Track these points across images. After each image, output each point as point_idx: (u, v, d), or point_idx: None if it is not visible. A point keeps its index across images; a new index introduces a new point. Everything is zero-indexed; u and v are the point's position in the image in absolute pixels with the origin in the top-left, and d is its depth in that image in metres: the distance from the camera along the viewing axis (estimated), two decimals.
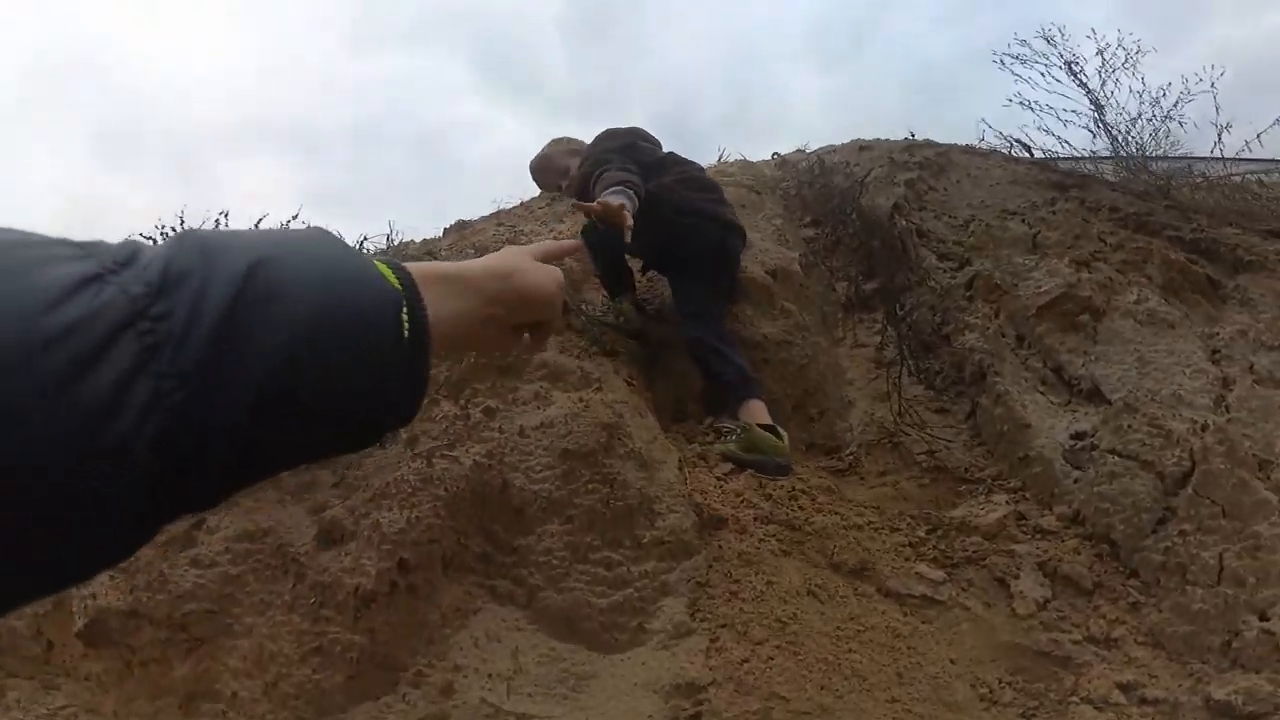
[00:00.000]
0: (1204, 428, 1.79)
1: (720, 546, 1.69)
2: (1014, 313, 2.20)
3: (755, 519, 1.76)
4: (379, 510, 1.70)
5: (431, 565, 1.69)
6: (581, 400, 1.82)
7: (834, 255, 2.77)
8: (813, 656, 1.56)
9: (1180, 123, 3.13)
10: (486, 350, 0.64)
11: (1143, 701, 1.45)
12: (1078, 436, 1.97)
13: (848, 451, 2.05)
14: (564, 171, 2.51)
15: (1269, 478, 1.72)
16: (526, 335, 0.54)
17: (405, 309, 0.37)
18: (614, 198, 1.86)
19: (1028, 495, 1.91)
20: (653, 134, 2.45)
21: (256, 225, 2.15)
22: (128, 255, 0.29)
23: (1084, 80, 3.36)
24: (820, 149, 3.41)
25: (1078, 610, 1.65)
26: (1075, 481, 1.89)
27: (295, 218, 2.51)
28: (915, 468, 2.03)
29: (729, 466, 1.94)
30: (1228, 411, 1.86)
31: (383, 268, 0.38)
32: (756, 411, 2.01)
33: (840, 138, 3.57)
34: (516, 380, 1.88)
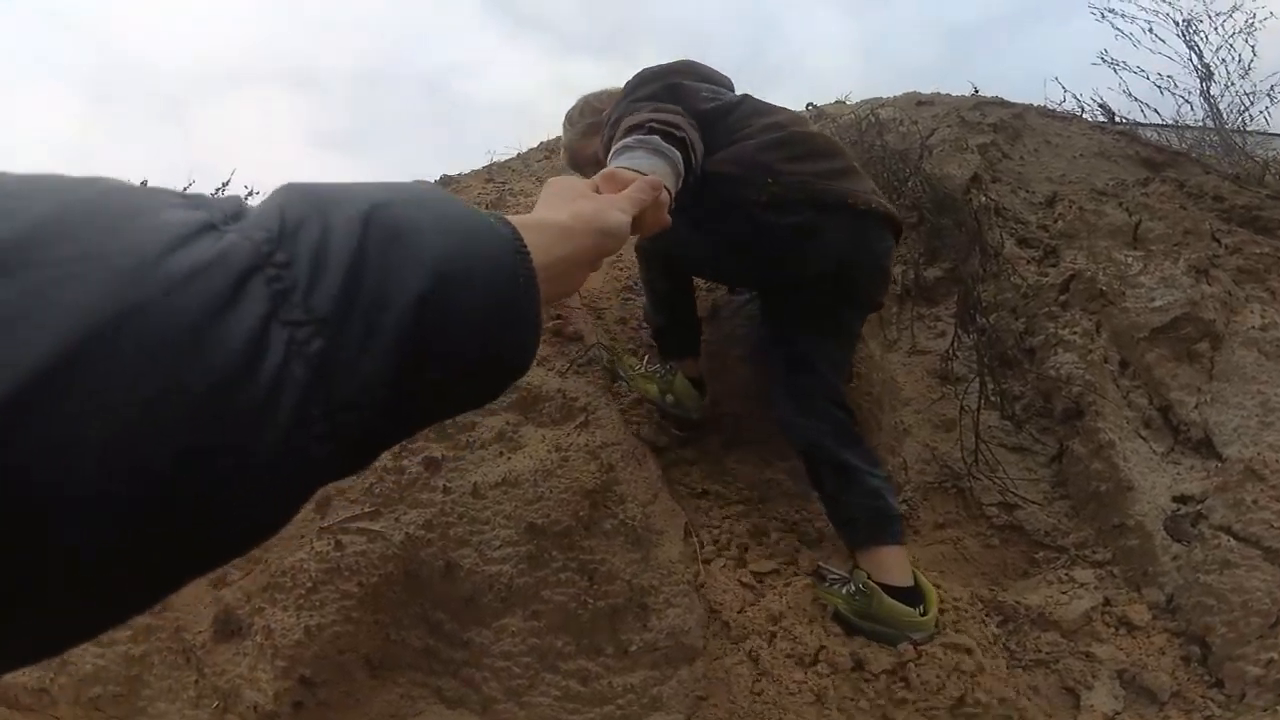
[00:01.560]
0: None
1: (729, 653, 1.28)
2: (1120, 331, 1.72)
3: (777, 618, 1.34)
4: (272, 607, 1.25)
5: (348, 675, 1.26)
6: (559, 450, 1.33)
7: None
8: None
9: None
10: (562, 296, 0.65)
11: None
12: (1182, 500, 1.55)
13: (901, 499, 1.60)
14: (595, 161, 1.52)
15: None
16: None
17: (518, 255, 0.36)
18: (629, 160, 0.87)
19: (1116, 573, 1.52)
20: (715, 69, 1.48)
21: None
22: (236, 207, 0.28)
23: (1195, 43, 2.72)
24: (867, 100, 2.73)
25: None
26: (1174, 559, 1.50)
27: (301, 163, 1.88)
28: (983, 522, 1.59)
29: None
30: None
31: (489, 215, 0.37)
32: (889, 564, 1.31)
33: (870, 90, 2.88)
34: (474, 414, 1.38)
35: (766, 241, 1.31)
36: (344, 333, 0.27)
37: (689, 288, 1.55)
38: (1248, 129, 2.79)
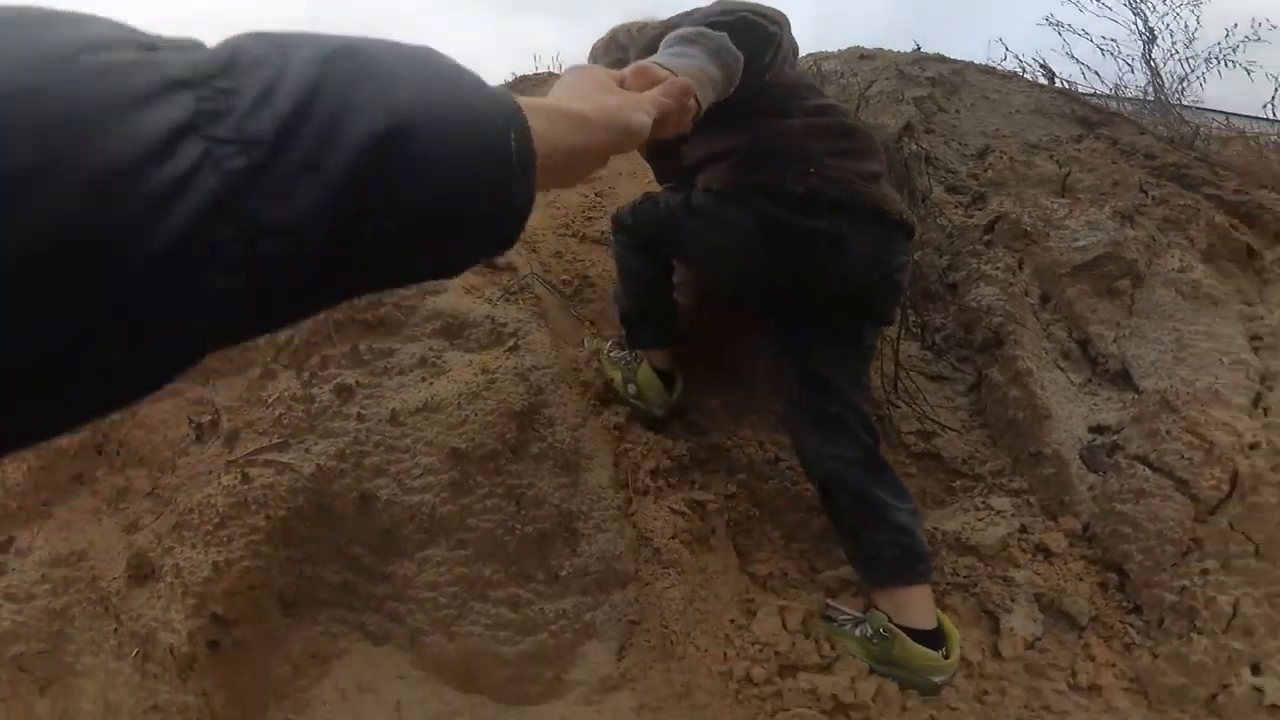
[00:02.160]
0: (1252, 445, 1.45)
1: (659, 583, 1.24)
2: (1043, 268, 1.72)
3: (708, 544, 1.30)
4: (181, 546, 1.17)
5: (262, 614, 1.19)
6: (485, 373, 1.25)
7: None
8: None
9: (1221, 71, 2.60)
10: (562, 186, 0.61)
11: None
12: (1099, 430, 1.55)
13: None
14: (624, 49, 1.35)
15: None
16: None
17: (514, 129, 0.34)
18: (675, 60, 0.75)
19: (1033, 501, 1.52)
20: (789, 25, 1.06)
21: None
22: (189, 42, 0.27)
23: (1142, 9, 2.71)
24: (813, 54, 2.64)
25: (1066, 649, 1.38)
26: (1090, 489, 1.50)
27: None
28: (903, 451, 1.57)
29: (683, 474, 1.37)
30: (1265, 415, 1.55)
31: (497, 88, 0.35)
32: (913, 606, 1.20)
33: (820, 46, 2.78)
34: (393, 339, 1.29)
35: (788, 244, 1.12)
36: (279, 158, 0.25)
37: (666, 270, 1.35)
38: (1184, 102, 2.82)
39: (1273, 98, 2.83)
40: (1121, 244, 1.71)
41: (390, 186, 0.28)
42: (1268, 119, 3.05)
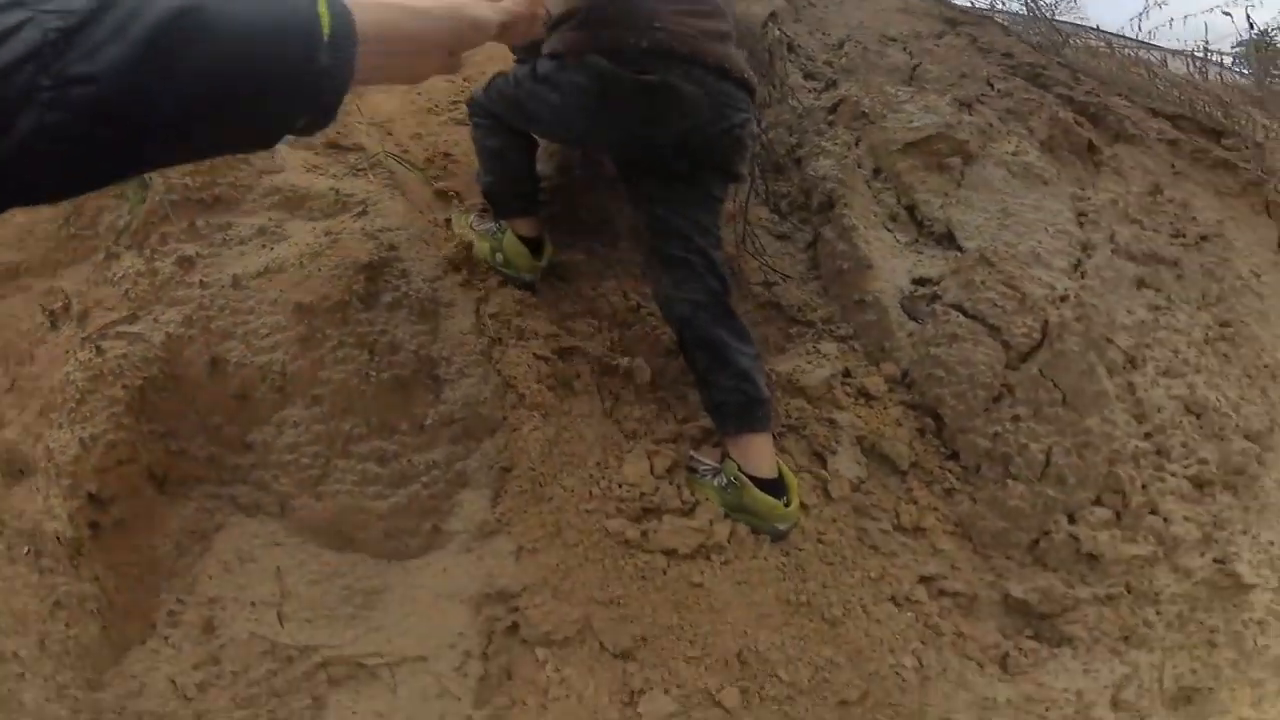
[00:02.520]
0: (1063, 298, 1.51)
1: (524, 426, 1.22)
2: (877, 144, 1.78)
3: (572, 389, 1.27)
4: (49, 429, 1.16)
5: (136, 491, 1.19)
6: (329, 234, 1.23)
7: None
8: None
9: None
10: (404, 78, 0.55)
11: (941, 594, 1.34)
12: (920, 282, 1.58)
13: None
14: None
15: (1106, 357, 1.51)
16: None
17: (327, 11, 0.39)
18: None
19: (857, 346, 1.55)
20: None
21: None
22: None
23: None
24: None
25: (890, 492, 1.41)
26: (909, 335, 1.52)
27: None
28: (751, 300, 1.59)
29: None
30: (1083, 278, 1.62)
31: None
32: (755, 455, 1.25)
33: None
34: (230, 214, 1.26)
35: (628, 99, 1.16)
36: (91, 27, 0.32)
37: (525, 144, 1.37)
38: (1059, 17, 2.75)
39: (1140, 14, 2.85)
40: (955, 126, 1.77)
41: (185, 51, 0.34)
42: (1138, 41, 3.05)
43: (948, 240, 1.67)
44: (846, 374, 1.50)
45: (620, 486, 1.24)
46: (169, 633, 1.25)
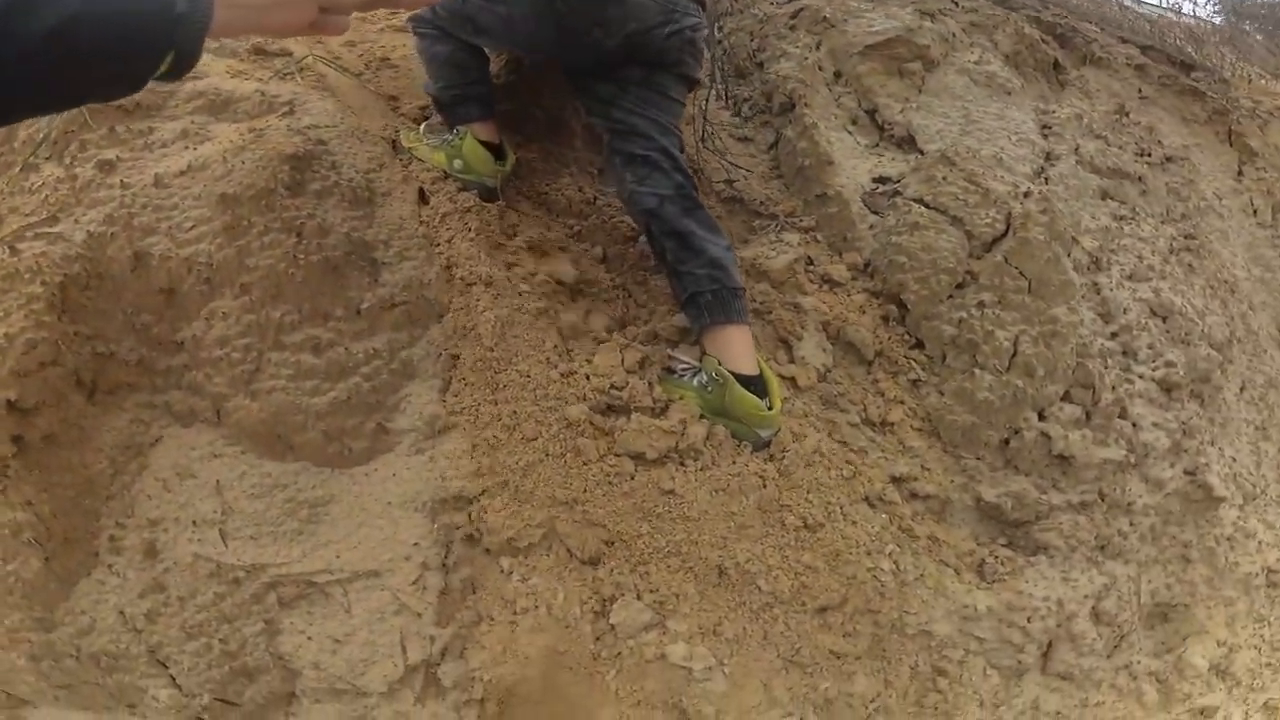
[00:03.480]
0: (1027, 194, 1.46)
1: (474, 307, 1.12)
2: (837, 48, 1.74)
3: (523, 273, 1.18)
4: None
5: (63, 398, 1.10)
6: (253, 131, 1.16)
7: None
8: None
9: None
10: (283, 31, 0.53)
11: (913, 496, 1.27)
12: (881, 181, 1.54)
13: None
14: None
15: (1071, 254, 1.46)
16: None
17: None
18: None
19: (819, 238, 1.49)
20: None
21: None
22: None
23: None
24: None
25: (856, 383, 1.34)
26: (871, 228, 1.47)
27: None
28: (712, 197, 1.54)
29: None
30: (1046, 183, 1.57)
31: None
32: (735, 348, 1.17)
33: None
34: (151, 119, 1.20)
35: (575, 4, 1.13)
36: None
37: (473, 48, 1.31)
38: None
39: None
40: (915, 30, 1.73)
41: (26, 18, 0.37)
42: None
43: (909, 144, 1.64)
44: (810, 261, 1.43)
45: (584, 375, 1.14)
46: (113, 560, 1.15)
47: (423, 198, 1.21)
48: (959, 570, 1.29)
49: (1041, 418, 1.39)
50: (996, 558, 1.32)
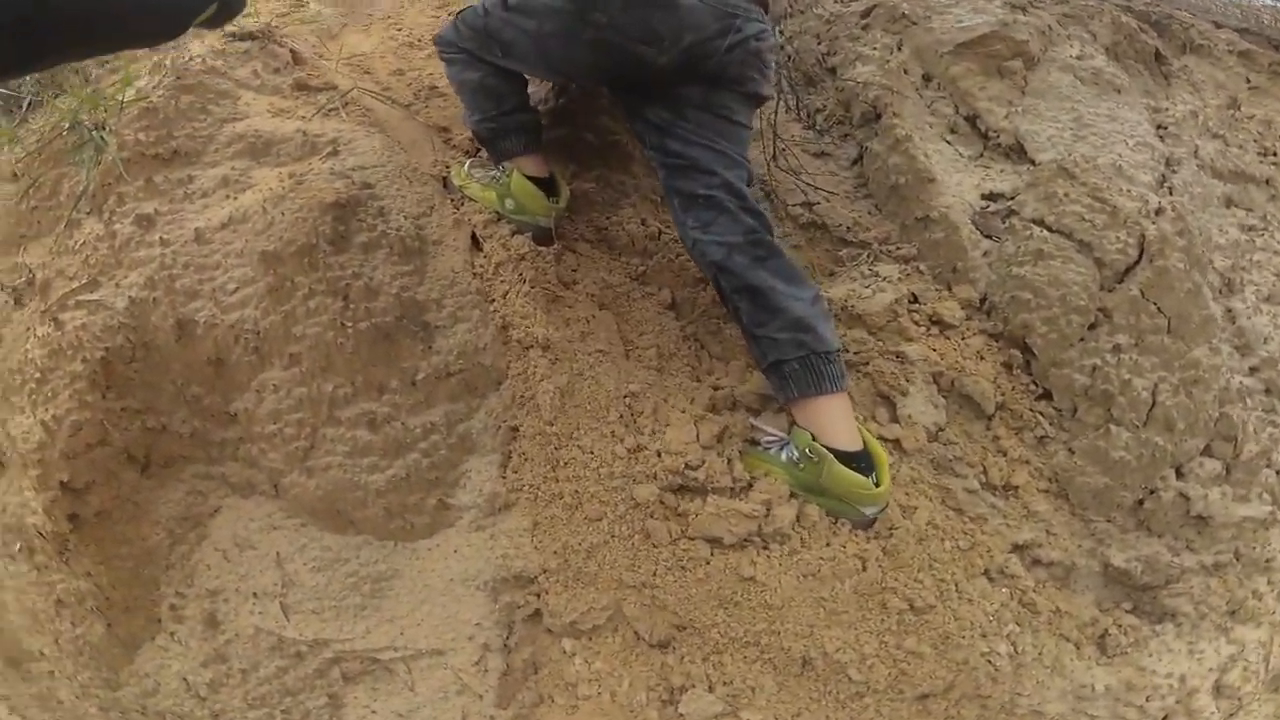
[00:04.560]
0: (1159, 211, 1.24)
1: (532, 374, 0.98)
2: (923, 47, 1.48)
3: (582, 331, 1.02)
4: (12, 415, 1.01)
5: (114, 476, 1.03)
6: (292, 176, 1.02)
7: None
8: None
9: None
10: None
11: (1035, 564, 1.12)
12: (991, 198, 1.30)
13: None
14: None
15: (1208, 278, 1.26)
16: None
17: None
18: None
19: (923, 269, 1.25)
20: None
21: None
22: None
23: None
24: None
25: (974, 441, 1.14)
26: (985, 255, 1.23)
27: None
28: (790, 223, 1.31)
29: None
30: (1170, 193, 1.34)
31: None
32: (832, 421, 0.98)
33: None
34: (190, 167, 1.07)
35: (613, 14, 0.94)
36: None
37: (510, 73, 1.11)
38: None
39: None
40: (1010, 25, 1.45)
41: None
42: None
43: (1018, 153, 1.38)
44: (914, 299, 1.19)
45: (653, 451, 0.99)
46: (174, 628, 1.09)
47: (476, 244, 1.06)
48: (1079, 644, 1.12)
49: (1180, 475, 1.20)
50: (1120, 627, 1.15)
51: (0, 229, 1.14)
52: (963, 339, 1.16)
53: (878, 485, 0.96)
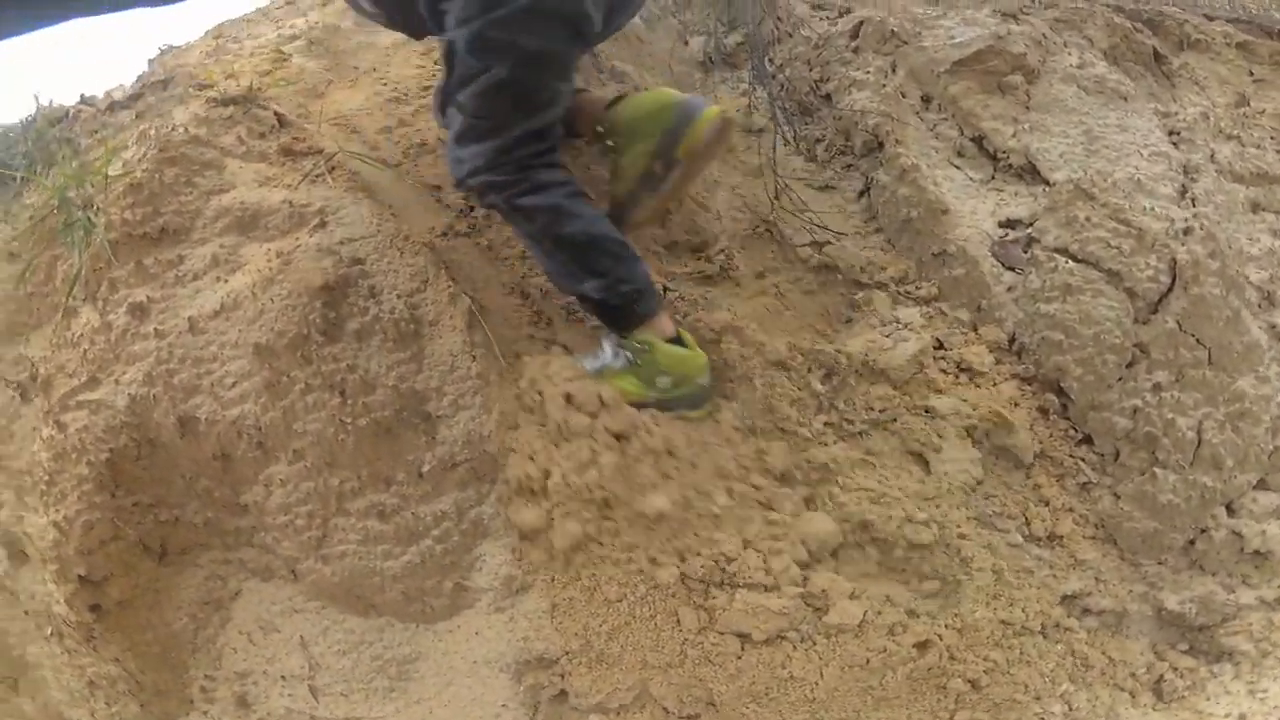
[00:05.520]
0: (1186, 230, 1.13)
1: (538, 446, 0.91)
2: (918, 68, 1.35)
3: (601, 398, 0.94)
4: (27, 514, 0.99)
5: (132, 566, 1.00)
6: (279, 255, 0.94)
7: (687, 8, 1.62)
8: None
9: None
10: None
11: (1086, 613, 1.05)
12: (1009, 225, 1.18)
13: (717, 249, 1.14)
14: None
15: (1245, 298, 1.15)
16: None
17: None
18: None
19: (945, 309, 1.13)
20: None
21: None
22: None
23: None
24: None
25: (1014, 492, 1.04)
26: (1009, 290, 1.13)
27: None
28: (799, 266, 1.19)
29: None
30: (1194, 205, 1.23)
31: None
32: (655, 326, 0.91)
33: None
34: (180, 246, 1.00)
35: None
36: None
37: (580, 190, 0.90)
38: None
39: None
40: (1006, 38, 1.34)
41: None
42: None
43: (1030, 173, 1.26)
44: (939, 345, 1.08)
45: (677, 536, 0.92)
46: (207, 708, 1.07)
47: (471, 320, 0.97)
48: (1134, 693, 1.05)
49: (1231, 512, 1.12)
50: (1176, 670, 1.08)
51: (3, 316, 1.10)
52: (994, 385, 1.05)
53: (693, 349, 0.93)
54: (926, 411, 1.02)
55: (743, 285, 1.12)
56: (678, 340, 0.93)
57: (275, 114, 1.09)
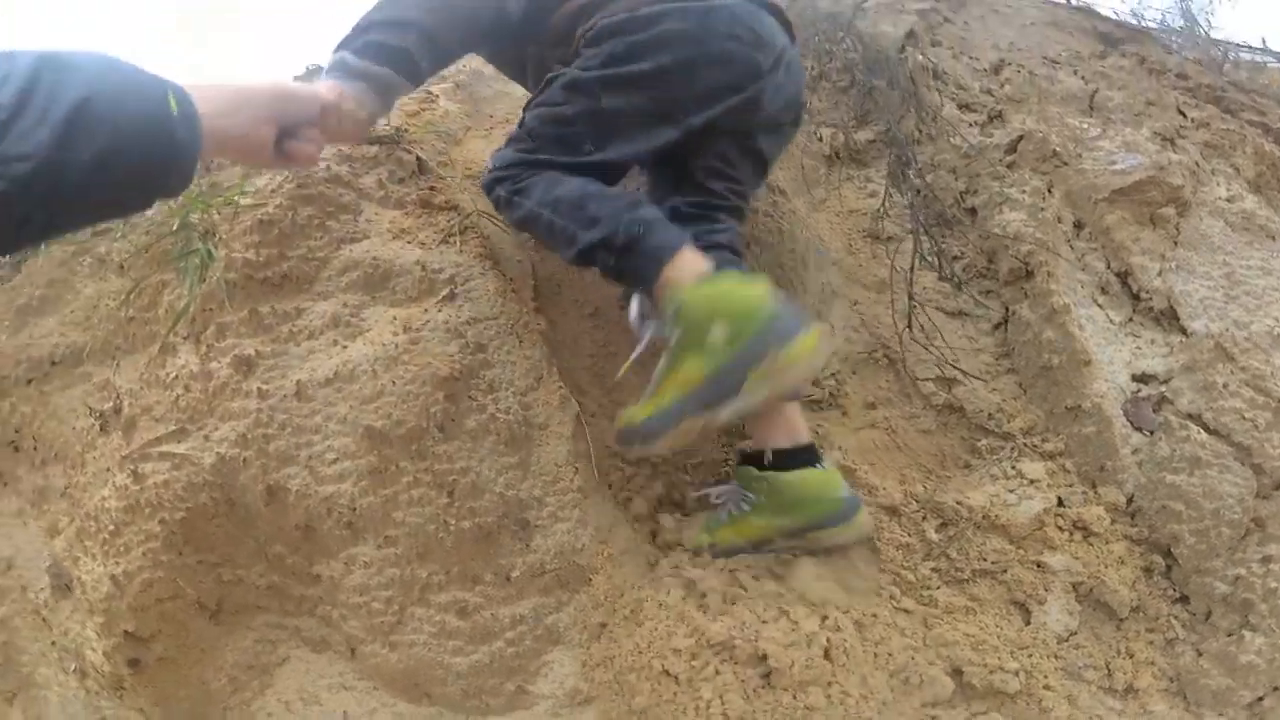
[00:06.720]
0: None
1: (629, 568, 0.90)
2: (1076, 192, 1.29)
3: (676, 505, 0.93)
4: (85, 557, 0.91)
5: (183, 626, 0.92)
6: (408, 330, 0.91)
7: (816, 93, 1.59)
8: None
9: None
10: (258, 154, 0.60)
11: None
12: (1143, 380, 1.14)
13: (827, 373, 1.09)
14: None
15: None
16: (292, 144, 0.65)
17: (170, 90, 0.48)
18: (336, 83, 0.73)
19: (1069, 466, 1.11)
20: None
21: None
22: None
23: None
24: None
25: (1102, 643, 1.03)
26: (1135, 453, 1.09)
27: None
28: (918, 401, 1.14)
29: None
30: None
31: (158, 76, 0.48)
32: (782, 424, 0.82)
33: None
34: (301, 297, 0.95)
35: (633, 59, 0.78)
36: (22, 114, 0.40)
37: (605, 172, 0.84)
38: (1211, 33, 2.15)
39: None
40: (1165, 168, 1.27)
41: (90, 132, 0.42)
42: None
43: (1169, 318, 1.19)
44: (1060, 504, 1.07)
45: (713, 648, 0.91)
46: None
47: (577, 428, 0.96)
48: None
49: None
50: None
51: (101, 333, 1.02)
52: (1105, 545, 1.04)
53: (828, 468, 0.83)
54: (1038, 566, 1.01)
55: (850, 415, 1.09)
56: (753, 455, 0.83)
57: (416, 158, 1.06)
